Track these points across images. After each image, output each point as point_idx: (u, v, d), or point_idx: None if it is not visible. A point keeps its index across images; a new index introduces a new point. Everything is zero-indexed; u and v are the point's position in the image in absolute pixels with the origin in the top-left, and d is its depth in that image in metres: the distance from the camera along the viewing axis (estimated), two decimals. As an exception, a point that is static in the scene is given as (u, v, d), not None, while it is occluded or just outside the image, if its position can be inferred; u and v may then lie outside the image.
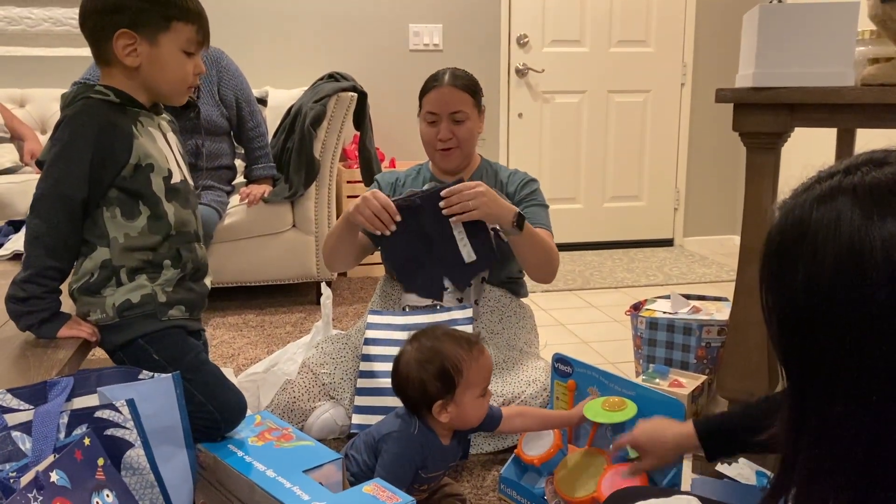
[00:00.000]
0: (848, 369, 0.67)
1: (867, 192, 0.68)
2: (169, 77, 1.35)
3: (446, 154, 2.04)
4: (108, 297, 1.33)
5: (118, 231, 1.34)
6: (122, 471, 1.00)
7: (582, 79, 4.20)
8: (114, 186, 1.33)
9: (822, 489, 0.70)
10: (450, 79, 2.02)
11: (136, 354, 1.34)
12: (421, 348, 1.41)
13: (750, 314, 1.73)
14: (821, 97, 1.55)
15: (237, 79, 2.98)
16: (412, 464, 1.38)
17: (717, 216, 4.46)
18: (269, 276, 3.12)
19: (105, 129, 1.30)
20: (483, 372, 1.42)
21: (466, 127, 2.03)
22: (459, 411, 1.39)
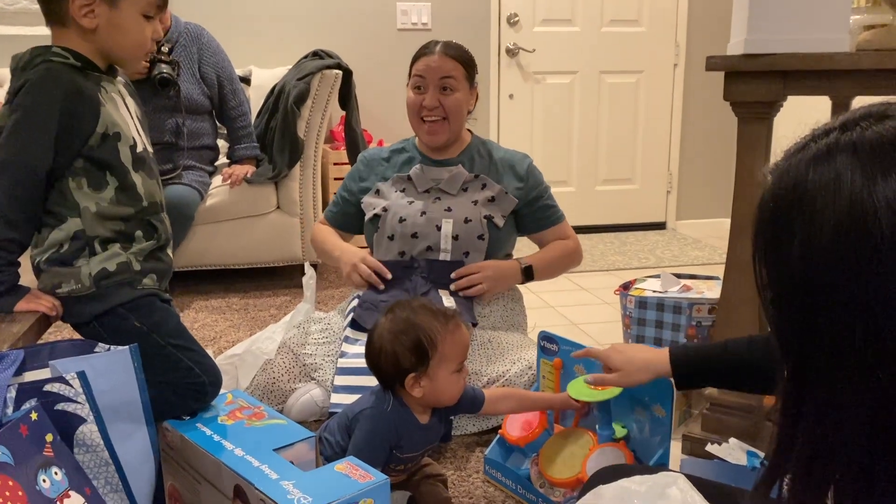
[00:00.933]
0: (851, 344, 0.61)
1: (868, 148, 0.62)
2: (128, 41, 1.29)
3: (432, 128, 1.96)
4: (83, 267, 1.28)
5: (89, 201, 1.28)
6: (74, 448, 0.95)
7: (573, 59, 4.13)
8: (80, 156, 1.27)
9: (823, 471, 0.65)
10: (442, 47, 1.95)
11: (116, 324, 1.29)
12: (395, 319, 1.36)
13: (741, 291, 1.68)
14: (815, 63, 1.50)
15: (218, 56, 2.91)
16: (385, 442, 1.33)
17: (710, 199, 4.41)
18: (252, 258, 3.06)
19: (71, 95, 1.24)
20: (458, 347, 1.36)
21: (455, 98, 1.94)
22: (433, 386, 1.34)
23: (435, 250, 1.93)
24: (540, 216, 2.04)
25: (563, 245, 2.06)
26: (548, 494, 1.48)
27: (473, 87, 2.01)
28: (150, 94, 2.69)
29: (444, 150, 2.03)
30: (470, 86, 1.99)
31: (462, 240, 1.92)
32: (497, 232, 1.97)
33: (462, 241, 1.92)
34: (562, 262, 2.06)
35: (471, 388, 1.47)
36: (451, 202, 1.96)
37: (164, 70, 2.63)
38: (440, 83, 1.93)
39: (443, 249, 1.92)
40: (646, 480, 0.99)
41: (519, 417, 1.62)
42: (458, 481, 1.61)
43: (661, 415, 1.42)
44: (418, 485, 1.48)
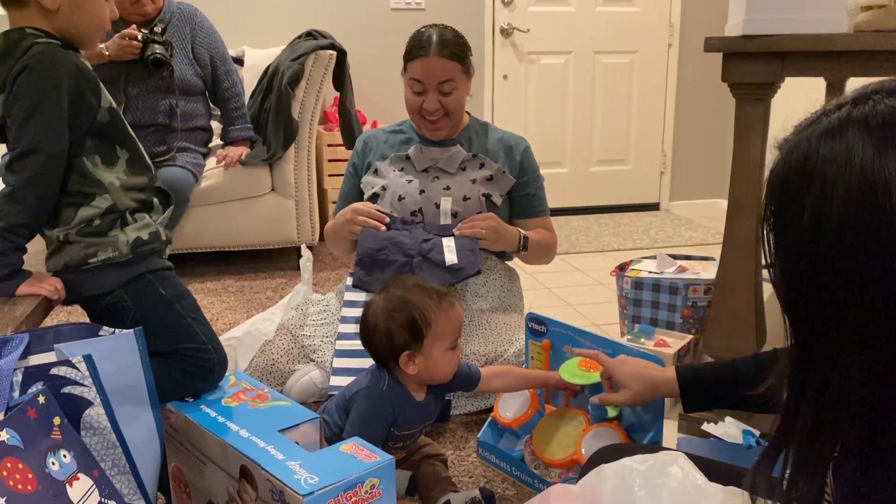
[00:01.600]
0: (857, 314, 0.63)
1: (880, 122, 0.63)
2: (88, 21, 1.28)
3: (434, 125, 1.97)
4: (120, 236, 1.29)
5: (110, 176, 1.29)
6: (81, 430, 0.95)
7: (568, 39, 4.11)
8: (89, 134, 1.28)
9: (826, 441, 0.66)
10: (437, 48, 1.90)
11: (142, 290, 1.30)
12: (389, 297, 1.37)
13: (738, 272, 1.70)
14: (813, 44, 1.50)
15: (212, 37, 2.89)
16: (382, 420, 1.34)
17: (704, 180, 4.42)
18: (248, 241, 3.05)
19: (75, 75, 1.24)
20: (452, 324, 1.37)
21: (455, 97, 1.94)
22: (427, 363, 1.35)
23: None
24: (528, 204, 2.05)
25: (547, 235, 2.07)
26: (543, 475, 1.49)
27: (470, 74, 1.99)
28: (144, 76, 2.67)
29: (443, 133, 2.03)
30: (467, 76, 1.98)
31: (461, 217, 1.93)
32: (495, 210, 1.97)
33: (461, 219, 1.93)
34: (543, 251, 2.07)
35: (466, 365, 1.48)
36: (450, 181, 1.97)
37: (157, 51, 2.60)
38: (439, 87, 1.91)
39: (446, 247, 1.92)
40: (647, 459, 1.01)
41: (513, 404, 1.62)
42: (457, 461, 1.63)
43: None
44: (419, 464, 1.49)
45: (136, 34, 2.59)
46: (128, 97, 2.66)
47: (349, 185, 2.10)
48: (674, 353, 1.89)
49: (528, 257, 2.05)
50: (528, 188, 2.04)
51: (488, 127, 2.09)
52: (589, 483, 1.02)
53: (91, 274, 1.27)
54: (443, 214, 1.93)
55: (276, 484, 1.04)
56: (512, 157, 2.02)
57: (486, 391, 1.63)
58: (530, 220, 2.06)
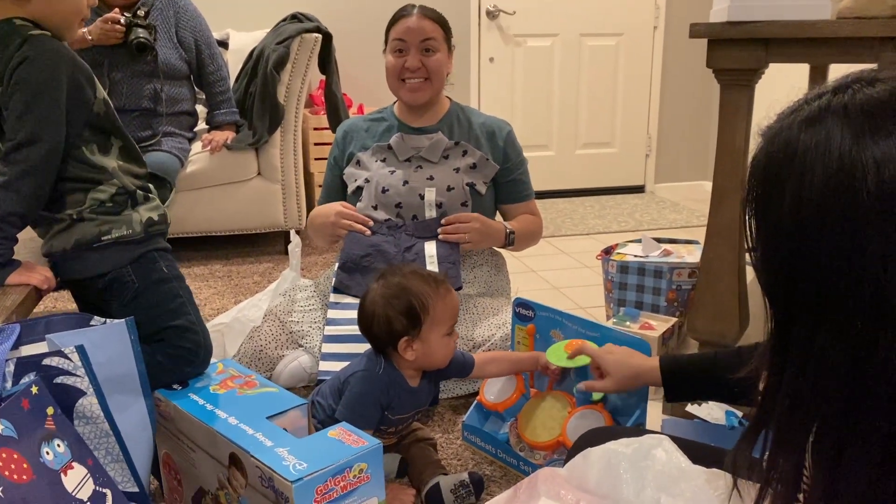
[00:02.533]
0: (834, 296, 0.65)
1: (859, 110, 0.65)
2: (64, 9, 1.27)
3: (414, 88, 1.96)
4: (134, 215, 1.32)
5: (111, 162, 1.32)
6: (74, 420, 0.96)
7: (554, 21, 4.10)
8: (87, 125, 1.29)
9: (803, 418, 0.69)
10: (420, 9, 1.96)
11: (147, 267, 1.33)
12: (388, 284, 1.38)
13: (722, 256, 1.72)
14: (797, 31, 1.51)
15: (196, 20, 2.86)
16: (376, 403, 1.36)
17: (689, 162, 4.44)
18: (234, 225, 3.05)
19: (72, 66, 1.25)
20: (449, 310, 1.40)
21: (437, 58, 1.95)
22: (425, 349, 1.37)
23: (419, 219, 1.94)
24: (513, 189, 2.06)
25: (533, 220, 2.08)
26: (528, 457, 1.51)
27: (451, 49, 2.02)
28: (128, 60, 2.64)
29: (424, 117, 2.03)
30: (448, 48, 2.00)
31: (445, 207, 1.94)
32: (480, 199, 1.98)
33: (445, 209, 1.93)
34: (529, 238, 2.08)
35: (460, 352, 1.50)
36: (433, 170, 1.97)
37: (140, 35, 2.58)
38: (422, 45, 1.93)
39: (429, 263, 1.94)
40: (632, 443, 1.03)
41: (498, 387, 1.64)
42: (445, 444, 1.65)
43: None
44: (409, 448, 1.51)
45: (119, 18, 2.57)
46: (112, 82, 2.64)
47: (331, 176, 2.10)
48: (658, 335, 1.91)
49: (519, 246, 2.07)
50: (513, 174, 2.05)
51: (469, 111, 2.09)
52: (576, 466, 1.04)
53: (100, 252, 1.29)
54: (427, 206, 1.93)
55: (265, 470, 1.05)
56: (495, 143, 2.03)
57: (479, 377, 1.65)
58: (516, 206, 2.07)
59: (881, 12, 1.46)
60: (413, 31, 1.93)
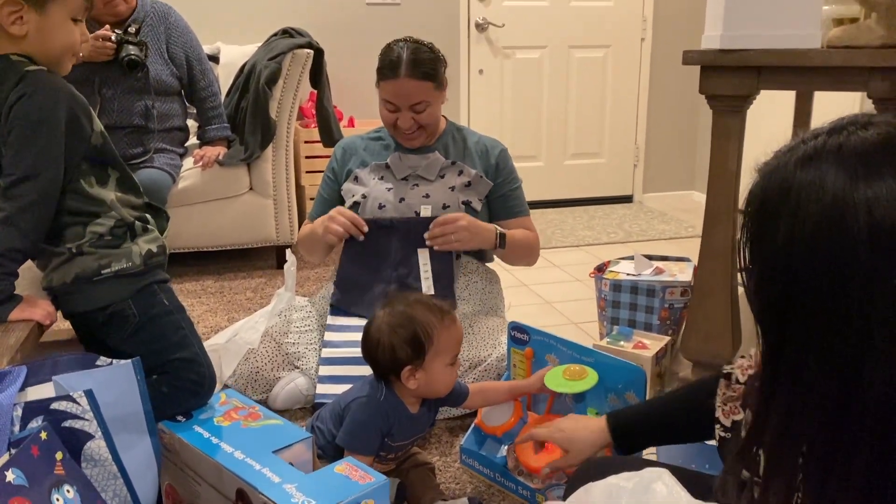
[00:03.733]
0: (823, 326, 0.68)
1: (852, 152, 0.68)
2: (58, 45, 1.27)
3: (410, 137, 1.99)
4: (134, 247, 1.32)
5: (108, 194, 1.32)
6: (82, 463, 0.96)
7: (542, 33, 4.13)
8: (85, 158, 1.30)
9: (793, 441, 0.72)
10: (408, 69, 1.88)
11: (148, 300, 1.34)
12: (393, 313, 1.40)
13: (714, 278, 1.75)
14: (788, 60, 1.54)
15: (187, 36, 2.85)
16: (377, 430, 1.37)
17: (676, 172, 4.49)
18: (226, 240, 3.04)
19: (70, 102, 1.26)
20: (453, 341, 1.41)
21: (429, 112, 1.95)
22: (428, 378, 1.38)
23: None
24: (504, 204, 2.06)
25: (527, 233, 2.07)
26: (526, 482, 1.52)
27: (444, 87, 1.98)
28: (118, 77, 2.63)
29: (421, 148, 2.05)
30: (441, 90, 1.97)
31: None
32: (475, 215, 2.00)
33: None
34: (524, 249, 2.05)
35: (457, 382, 1.52)
36: (429, 188, 1.99)
37: (131, 52, 2.57)
38: (412, 108, 1.92)
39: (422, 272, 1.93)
40: (633, 476, 1.04)
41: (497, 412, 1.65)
42: (443, 467, 1.66)
43: (634, 401, 1.47)
44: (407, 473, 1.52)
45: (109, 35, 2.56)
46: (103, 99, 2.63)
47: (328, 189, 2.11)
48: (652, 355, 1.93)
49: (509, 256, 2.05)
50: (504, 188, 2.05)
51: (465, 131, 2.11)
52: (577, 500, 1.05)
53: (101, 285, 1.29)
54: None
55: (273, 507, 1.06)
56: (487, 160, 2.05)
57: (470, 407, 1.66)
58: (509, 221, 2.07)
59: (870, 42, 1.49)
60: (402, 96, 1.90)
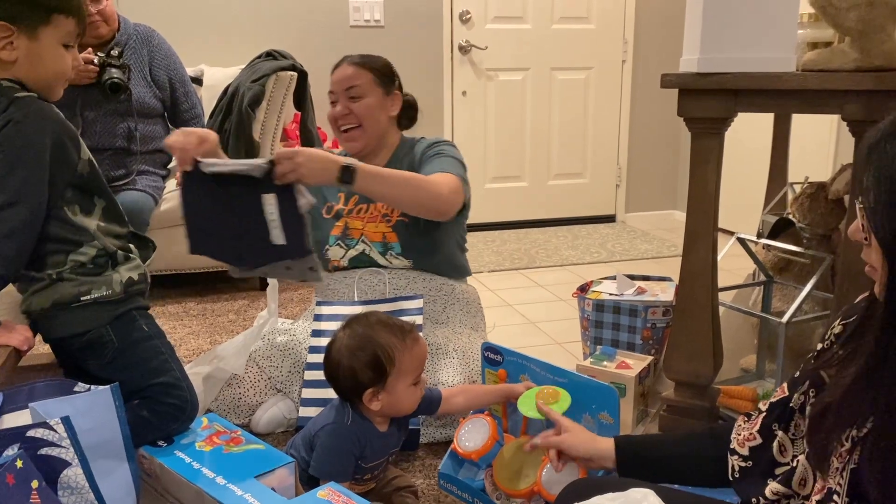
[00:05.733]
0: None
1: None
2: (48, 71, 1.27)
3: (350, 137, 1.98)
4: (114, 275, 1.32)
5: (91, 223, 1.32)
6: (59, 491, 0.95)
7: (525, 56, 4.18)
8: (71, 186, 1.29)
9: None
10: (350, 58, 2.00)
11: (127, 326, 1.33)
12: (353, 335, 1.38)
13: (696, 297, 1.76)
14: (764, 83, 1.57)
15: (170, 59, 2.86)
16: (349, 455, 1.36)
17: (658, 192, 4.53)
18: (208, 262, 2.99)
19: (58, 128, 1.26)
20: (416, 361, 1.40)
21: (364, 103, 1.96)
22: (391, 399, 1.37)
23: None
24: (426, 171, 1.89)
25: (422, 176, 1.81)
26: None
27: (392, 92, 2.00)
28: (101, 99, 2.62)
29: (373, 158, 2.00)
30: (384, 91, 1.99)
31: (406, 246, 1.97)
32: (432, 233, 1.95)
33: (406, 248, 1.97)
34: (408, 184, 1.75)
35: (427, 390, 1.50)
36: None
37: (114, 75, 2.56)
38: (347, 93, 1.96)
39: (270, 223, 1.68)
40: (617, 497, 1.04)
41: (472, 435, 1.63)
42: (426, 490, 1.65)
43: (609, 422, 1.46)
44: (389, 497, 1.51)
45: (92, 58, 2.55)
46: (85, 121, 2.62)
47: None
48: (635, 375, 1.94)
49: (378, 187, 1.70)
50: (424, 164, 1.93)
51: (416, 145, 2.04)
52: (562, 522, 1.05)
53: (79, 311, 1.28)
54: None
55: (255, 533, 1.05)
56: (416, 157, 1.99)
57: (449, 412, 1.64)
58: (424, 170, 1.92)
59: (843, 65, 1.52)
60: (338, 80, 1.97)
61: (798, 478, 1.04)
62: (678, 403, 1.81)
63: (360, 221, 2.01)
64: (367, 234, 2.01)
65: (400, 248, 1.99)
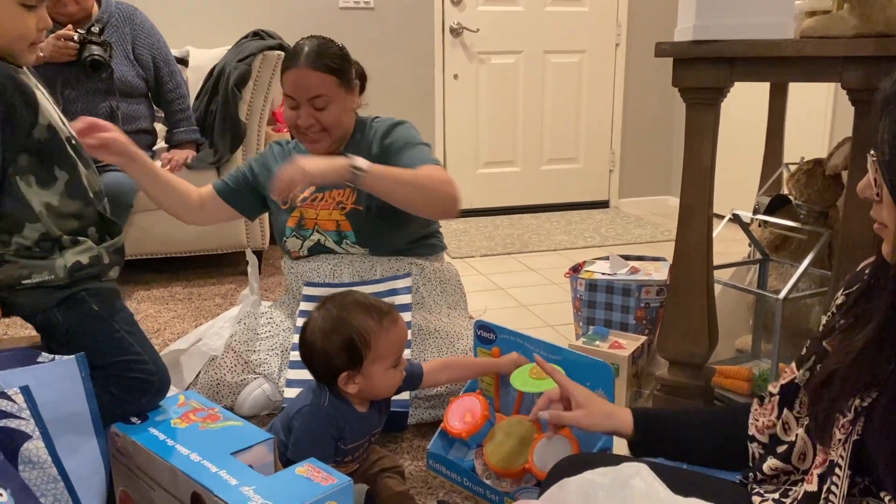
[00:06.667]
0: None
1: None
2: (8, 33, 1.20)
3: (314, 140, 1.84)
4: (58, 260, 1.24)
5: (42, 200, 1.23)
6: (19, 466, 0.90)
7: (517, 39, 4.12)
8: (25, 151, 1.22)
9: None
10: (308, 59, 1.77)
11: (75, 307, 1.25)
12: (327, 317, 1.32)
13: (690, 276, 1.71)
14: (761, 50, 1.52)
15: (153, 37, 2.79)
16: (327, 438, 1.31)
17: (652, 177, 4.49)
18: (194, 246, 2.97)
19: (8, 89, 1.18)
20: (394, 344, 1.34)
21: (330, 111, 1.80)
22: (368, 383, 1.32)
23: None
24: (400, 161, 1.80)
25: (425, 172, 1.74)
26: (495, 485, 1.46)
27: (352, 88, 1.86)
28: (81, 77, 2.56)
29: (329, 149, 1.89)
30: (347, 90, 1.84)
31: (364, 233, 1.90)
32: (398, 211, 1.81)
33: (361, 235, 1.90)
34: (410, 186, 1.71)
35: (408, 364, 1.45)
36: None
37: (94, 52, 2.50)
38: (311, 102, 1.79)
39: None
40: (609, 472, 1.00)
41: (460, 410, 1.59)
42: (414, 471, 1.60)
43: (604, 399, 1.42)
44: (375, 478, 1.46)
45: (72, 35, 2.49)
46: (65, 100, 2.56)
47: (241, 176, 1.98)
48: (628, 354, 1.90)
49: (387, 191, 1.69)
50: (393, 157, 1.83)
51: (366, 126, 1.93)
52: (552, 497, 1.00)
53: (23, 294, 1.22)
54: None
55: (229, 511, 1.00)
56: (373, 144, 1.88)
57: (433, 385, 1.59)
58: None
59: (843, 32, 1.47)
60: (300, 88, 1.77)
61: (798, 452, 1.00)
62: (672, 383, 1.76)
63: (314, 210, 1.92)
64: (321, 223, 1.91)
65: (354, 236, 1.89)
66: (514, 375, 1.50)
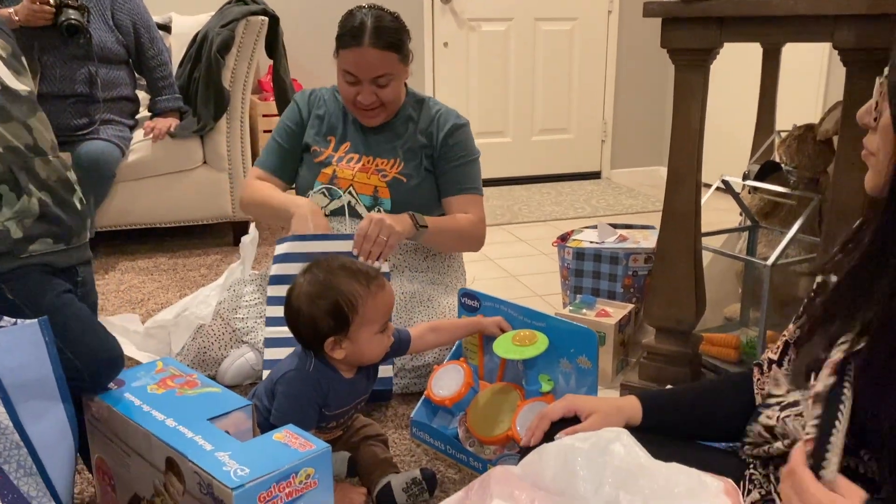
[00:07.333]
0: None
1: None
2: None
3: (371, 116, 1.86)
4: None
5: None
6: (-20, 431, 0.87)
7: (508, 5, 4.05)
8: None
9: None
10: (371, 37, 1.76)
11: None
12: (313, 281, 1.29)
13: (677, 242, 1.69)
14: (751, 9, 1.48)
15: (133, 2, 2.73)
16: (311, 403, 1.29)
17: (644, 148, 4.45)
18: (179, 216, 2.93)
19: None
20: (382, 308, 1.32)
21: (391, 88, 1.82)
22: (355, 348, 1.30)
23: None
24: (453, 179, 1.91)
25: (464, 218, 1.89)
26: (478, 453, 1.46)
27: (409, 61, 1.86)
28: (59, 43, 2.51)
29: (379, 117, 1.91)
30: (406, 64, 1.84)
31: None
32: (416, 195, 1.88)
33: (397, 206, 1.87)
34: (454, 236, 1.88)
35: (395, 330, 1.43)
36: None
37: (71, 16, 2.44)
38: (374, 81, 1.79)
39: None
40: (589, 437, 0.98)
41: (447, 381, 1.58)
42: (398, 440, 1.59)
43: (587, 366, 1.40)
44: (358, 446, 1.45)
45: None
46: (43, 66, 2.51)
47: (287, 140, 1.95)
48: (615, 322, 1.88)
49: (437, 240, 1.86)
50: (450, 163, 1.91)
51: (425, 104, 1.95)
52: (530, 464, 0.99)
53: None
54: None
55: (203, 476, 0.98)
56: (438, 133, 1.91)
57: (421, 349, 1.57)
58: (452, 199, 1.92)
59: (836, -10, 1.43)
60: (362, 67, 1.77)
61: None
62: (659, 350, 1.75)
63: (350, 171, 1.90)
64: (357, 186, 1.89)
65: (390, 204, 1.87)
66: (497, 342, 1.48)
